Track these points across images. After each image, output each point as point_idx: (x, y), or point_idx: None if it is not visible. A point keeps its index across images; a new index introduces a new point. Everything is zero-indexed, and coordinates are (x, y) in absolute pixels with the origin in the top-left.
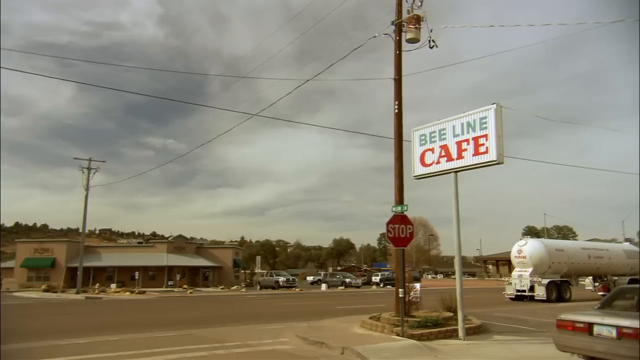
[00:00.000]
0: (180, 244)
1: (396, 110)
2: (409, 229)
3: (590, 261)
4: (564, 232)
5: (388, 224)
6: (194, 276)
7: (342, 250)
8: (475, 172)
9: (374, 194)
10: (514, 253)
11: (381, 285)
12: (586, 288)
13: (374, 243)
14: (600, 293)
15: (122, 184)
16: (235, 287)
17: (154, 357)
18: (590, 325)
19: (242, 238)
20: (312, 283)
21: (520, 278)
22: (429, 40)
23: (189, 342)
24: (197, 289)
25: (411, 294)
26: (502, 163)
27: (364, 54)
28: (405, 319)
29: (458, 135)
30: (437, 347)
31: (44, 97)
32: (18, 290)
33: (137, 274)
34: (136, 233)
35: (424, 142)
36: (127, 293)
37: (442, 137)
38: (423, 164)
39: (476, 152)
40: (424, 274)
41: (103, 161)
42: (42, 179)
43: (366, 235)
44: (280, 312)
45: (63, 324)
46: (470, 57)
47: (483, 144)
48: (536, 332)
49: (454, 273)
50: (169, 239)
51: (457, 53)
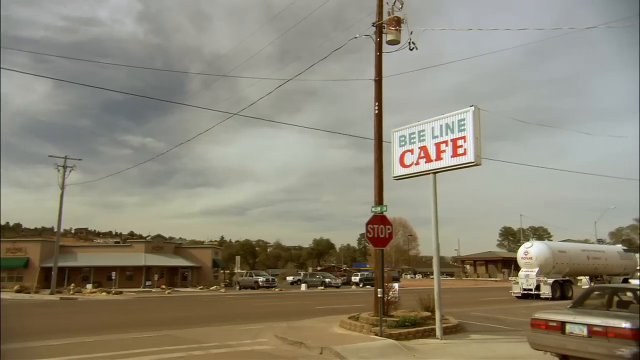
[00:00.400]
0: (158, 243)
1: (376, 111)
2: (388, 229)
3: (589, 262)
4: (539, 233)
5: (367, 224)
6: (173, 276)
7: (322, 250)
8: (453, 173)
9: (354, 195)
10: (520, 254)
11: (361, 285)
12: (583, 287)
13: (354, 243)
14: None
15: (99, 182)
16: (215, 287)
17: (130, 358)
18: (563, 324)
19: (222, 238)
20: (292, 283)
21: (527, 278)
22: (409, 42)
23: (166, 343)
24: (176, 289)
25: (390, 293)
26: (480, 164)
27: (346, 55)
28: (383, 318)
29: (437, 136)
30: (415, 347)
31: (17, 93)
32: None
33: (113, 274)
34: (113, 232)
35: (403, 143)
36: (104, 293)
37: (422, 138)
38: (402, 164)
39: (454, 154)
40: (403, 274)
41: (79, 159)
42: (15, 177)
43: (346, 235)
44: (260, 312)
45: (35, 325)
46: (451, 59)
47: (461, 146)
48: (512, 331)
49: (432, 273)
50: (147, 238)
51: (439, 55)
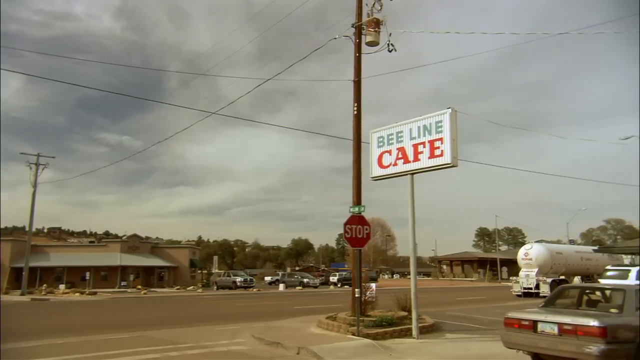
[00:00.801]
0: (134, 243)
1: (355, 112)
2: (366, 229)
3: (582, 262)
4: (514, 234)
5: (345, 224)
6: (149, 276)
7: (300, 250)
8: (431, 174)
9: (333, 195)
10: (520, 255)
11: (339, 285)
12: None
13: (333, 243)
14: None
15: (73, 181)
16: (192, 287)
17: None
18: (535, 323)
19: (200, 238)
20: (270, 283)
21: (527, 277)
22: (388, 44)
23: (140, 344)
24: (152, 289)
25: (367, 293)
26: (456, 166)
27: (325, 55)
28: (361, 318)
29: (415, 138)
30: (391, 346)
31: None
32: None
33: (88, 274)
34: (88, 232)
35: (381, 144)
36: (77, 294)
37: (400, 139)
38: (380, 165)
39: (432, 155)
40: (381, 274)
41: (52, 157)
42: None
43: (325, 235)
44: (237, 312)
45: (3, 327)
46: (430, 61)
47: (438, 147)
48: (487, 330)
49: (410, 273)
50: (123, 238)
51: (418, 57)
